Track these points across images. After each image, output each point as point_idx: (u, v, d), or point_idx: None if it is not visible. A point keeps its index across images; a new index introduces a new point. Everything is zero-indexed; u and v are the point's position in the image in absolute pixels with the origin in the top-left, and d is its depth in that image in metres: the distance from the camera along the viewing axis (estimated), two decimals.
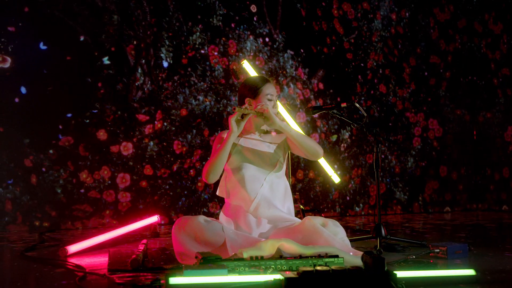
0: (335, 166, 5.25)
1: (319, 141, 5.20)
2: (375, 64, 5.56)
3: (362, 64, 5.48)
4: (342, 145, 5.33)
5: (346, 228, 4.03)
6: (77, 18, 4.27)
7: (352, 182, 5.36)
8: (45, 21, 4.18)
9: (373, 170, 5.46)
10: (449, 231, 3.83)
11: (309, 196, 5.12)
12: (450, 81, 6.03)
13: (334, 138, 5.30)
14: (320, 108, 2.91)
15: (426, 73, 5.85)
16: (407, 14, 5.78)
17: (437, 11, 5.95)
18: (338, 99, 5.31)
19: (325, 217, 2.54)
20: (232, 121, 2.50)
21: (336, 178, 3.63)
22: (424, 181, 5.79)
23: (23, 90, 4.10)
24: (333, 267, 1.77)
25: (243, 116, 2.52)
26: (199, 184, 4.60)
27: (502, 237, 3.46)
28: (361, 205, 5.40)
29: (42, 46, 4.17)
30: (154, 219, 3.80)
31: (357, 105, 2.72)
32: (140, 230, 3.81)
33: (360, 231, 3.57)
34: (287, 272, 1.78)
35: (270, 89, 2.63)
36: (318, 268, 1.75)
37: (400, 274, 1.82)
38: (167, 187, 4.49)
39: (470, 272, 1.90)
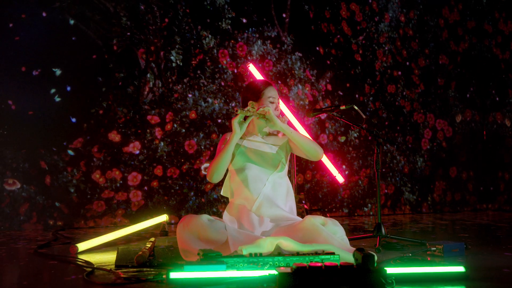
0: (343, 167, 5.31)
1: (327, 142, 5.26)
2: (383, 65, 5.61)
3: (370, 66, 5.54)
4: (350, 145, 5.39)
5: (354, 228, 4.10)
6: (89, 23, 4.40)
7: (360, 182, 5.41)
8: (57, 26, 4.31)
9: (381, 171, 5.52)
10: (456, 231, 3.87)
11: (318, 196, 5.18)
12: (460, 82, 6.04)
13: (342, 139, 5.36)
14: (320, 111, 2.99)
15: (435, 74, 5.88)
16: (415, 15, 5.81)
17: (446, 12, 5.98)
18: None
19: (332, 217, 2.61)
20: (235, 122, 2.59)
21: (340, 178, 3.70)
22: (434, 182, 5.82)
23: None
24: (325, 263, 1.85)
25: (245, 118, 2.61)
26: (209, 186, 4.70)
27: (507, 237, 3.49)
28: (369, 205, 5.45)
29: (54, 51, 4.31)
30: (163, 218, 3.91)
31: (356, 107, 2.79)
32: (150, 228, 3.93)
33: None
34: (282, 268, 1.86)
35: (272, 92, 2.72)
36: (311, 264, 1.83)
37: (390, 270, 1.89)
38: (177, 187, 4.60)
39: (460, 268, 1.96)
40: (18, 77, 4.19)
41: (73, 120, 4.32)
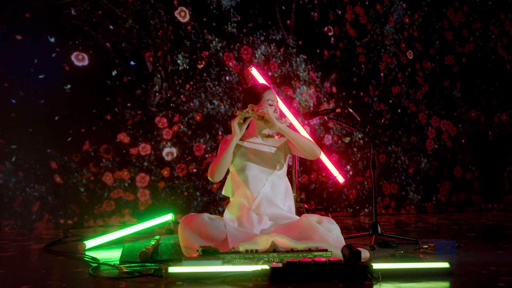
0: (348, 167, 5.40)
1: (332, 143, 5.35)
2: (388, 66, 5.68)
3: (375, 67, 5.61)
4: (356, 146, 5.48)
5: (358, 228, 4.19)
6: (98, 28, 4.54)
7: (366, 183, 5.49)
8: (67, 32, 4.46)
9: (385, 171, 5.60)
10: (455, 230, 3.93)
11: (322, 196, 5.27)
12: (465, 82, 6.09)
13: (347, 140, 5.45)
14: (316, 113, 3.09)
15: (439, 75, 5.94)
16: (420, 17, 5.87)
17: (451, 13, 6.03)
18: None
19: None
20: (235, 124, 2.70)
21: (340, 178, 3.79)
22: (438, 182, 5.87)
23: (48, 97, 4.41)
24: (315, 258, 1.95)
25: (245, 120, 2.72)
26: (215, 185, 4.81)
27: (504, 237, 3.55)
28: (370, 207, 5.52)
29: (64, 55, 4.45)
30: (168, 217, 4.03)
31: (351, 110, 2.88)
32: (157, 227, 4.05)
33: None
34: (274, 263, 1.97)
35: (270, 95, 2.83)
36: (301, 259, 1.94)
37: (378, 266, 1.98)
38: (184, 187, 4.72)
39: (445, 265, 2.04)
40: (29, 80, 4.34)
41: (83, 122, 4.46)
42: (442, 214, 5.57)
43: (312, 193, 5.21)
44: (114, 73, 4.58)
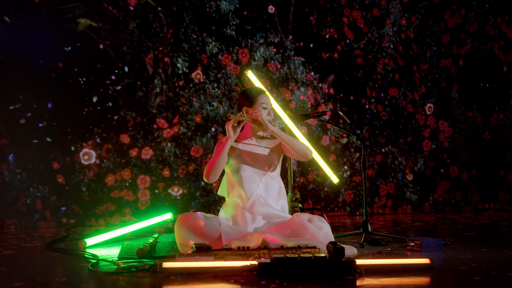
0: (345, 167, 5.49)
1: (329, 143, 5.45)
2: (385, 68, 5.77)
3: (372, 69, 5.70)
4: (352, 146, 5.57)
5: (354, 226, 4.28)
6: (100, 32, 4.66)
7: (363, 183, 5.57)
8: (70, 35, 4.57)
9: (382, 171, 5.69)
10: (448, 229, 4.02)
11: (320, 196, 5.37)
12: (462, 84, 6.17)
13: (344, 141, 5.54)
14: (307, 116, 3.19)
15: (437, 76, 6.02)
16: (417, 19, 5.96)
17: (448, 16, 6.11)
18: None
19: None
20: (229, 127, 2.80)
21: (334, 179, 3.89)
22: (435, 182, 5.96)
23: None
24: (301, 255, 2.05)
25: (239, 123, 2.83)
26: (214, 185, 4.92)
27: (495, 236, 3.63)
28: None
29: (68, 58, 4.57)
30: (168, 216, 4.14)
31: (340, 113, 2.98)
32: (156, 226, 4.16)
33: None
34: (262, 259, 2.07)
35: (264, 99, 2.93)
36: (288, 255, 2.04)
37: (361, 261, 2.08)
38: (183, 187, 4.83)
39: (425, 261, 2.14)
40: (33, 83, 4.46)
41: (85, 123, 4.57)
42: (439, 214, 5.65)
43: (310, 193, 5.31)
44: (115, 75, 4.70)
